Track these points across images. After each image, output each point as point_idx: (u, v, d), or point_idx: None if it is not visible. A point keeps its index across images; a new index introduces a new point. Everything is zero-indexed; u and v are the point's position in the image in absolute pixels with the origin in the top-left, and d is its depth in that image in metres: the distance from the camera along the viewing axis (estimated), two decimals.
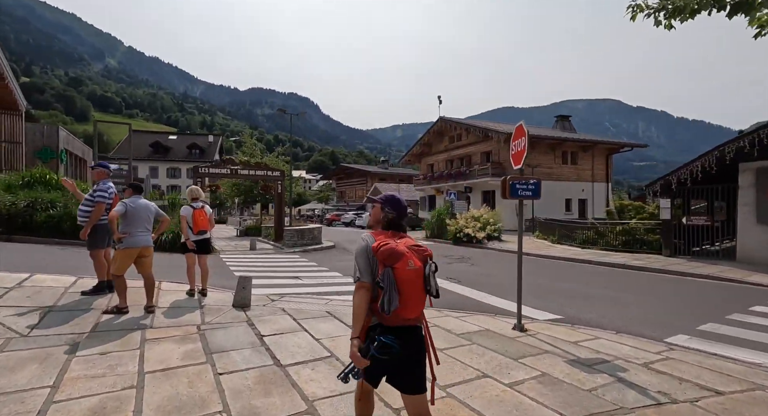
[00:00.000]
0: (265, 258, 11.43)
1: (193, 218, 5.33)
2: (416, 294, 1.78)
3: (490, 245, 16.08)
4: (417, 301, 1.80)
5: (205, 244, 5.50)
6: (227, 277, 7.52)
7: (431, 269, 1.84)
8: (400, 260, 1.76)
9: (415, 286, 1.78)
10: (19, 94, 19.98)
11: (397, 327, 1.80)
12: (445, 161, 31.71)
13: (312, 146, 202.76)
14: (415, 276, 1.78)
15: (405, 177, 50.91)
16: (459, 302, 6.33)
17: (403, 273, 1.74)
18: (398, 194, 2.10)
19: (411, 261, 1.78)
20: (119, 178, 11.66)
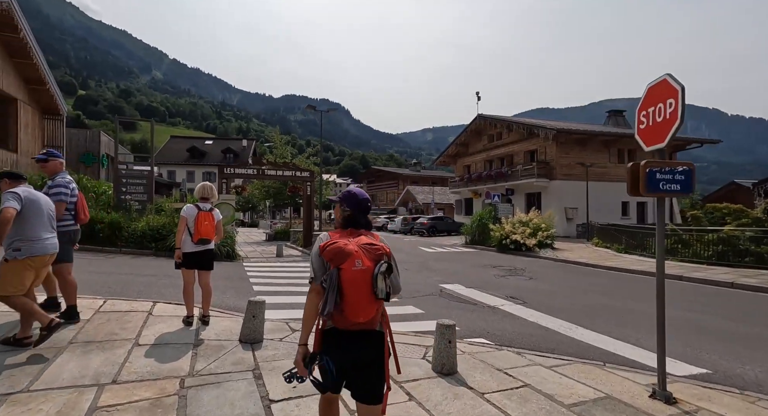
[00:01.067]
0: (291, 268, 10.24)
1: (196, 221, 4.10)
2: (364, 296, 1.62)
3: (543, 254, 14.12)
4: (365, 304, 1.63)
5: (205, 257, 4.25)
6: (245, 293, 6.29)
7: (380, 270, 1.63)
8: (346, 260, 1.63)
9: (362, 287, 1.62)
10: (61, 100, 20.30)
11: (350, 331, 1.70)
12: (483, 161, 29.70)
13: (343, 151, 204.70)
14: (362, 277, 1.63)
15: (438, 179, 49.06)
16: (540, 337, 4.70)
17: (350, 274, 1.61)
18: (356, 189, 1.90)
19: (359, 261, 1.64)
20: (140, 178, 10.95)
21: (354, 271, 1.61)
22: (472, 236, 18.73)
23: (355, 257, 1.63)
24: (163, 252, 9.42)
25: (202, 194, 4.29)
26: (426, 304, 6.25)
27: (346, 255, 1.63)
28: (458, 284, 8.26)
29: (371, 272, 1.63)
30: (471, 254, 15.37)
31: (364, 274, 1.62)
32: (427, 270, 10.43)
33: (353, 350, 1.69)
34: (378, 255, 1.68)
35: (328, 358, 1.67)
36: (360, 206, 1.85)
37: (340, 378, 1.72)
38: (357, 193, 1.88)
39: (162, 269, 7.60)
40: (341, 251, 1.63)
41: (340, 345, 1.69)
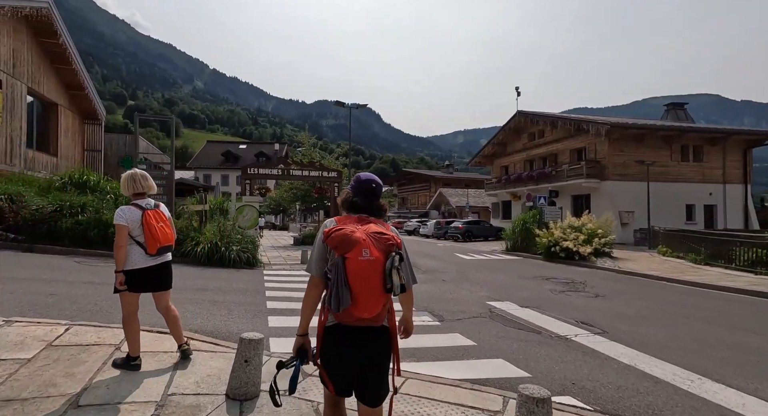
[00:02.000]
0: None
1: (145, 226, 2.84)
2: (371, 290, 1.47)
3: (602, 264, 12.27)
4: (372, 298, 1.48)
5: (165, 272, 3.10)
6: (255, 313, 5.26)
7: (393, 264, 1.48)
8: (352, 248, 1.47)
9: (370, 280, 1.47)
10: (99, 105, 20.72)
11: (354, 327, 1.55)
12: (523, 161, 27.68)
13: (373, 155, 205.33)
14: (370, 269, 1.47)
15: (472, 182, 47.01)
16: (655, 394, 3.26)
17: (355, 264, 1.46)
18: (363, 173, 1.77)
19: (366, 250, 1.47)
20: (159, 179, 10.38)
21: (361, 261, 1.46)
22: (514, 241, 17.04)
23: (362, 246, 1.48)
24: (178, 258, 8.69)
25: (134, 188, 2.95)
26: (475, 331, 4.95)
27: (353, 243, 1.48)
28: (509, 301, 6.86)
29: (380, 264, 1.49)
30: (515, 262, 13.76)
31: (372, 265, 1.47)
32: (468, 282, 9.07)
33: (358, 348, 1.56)
34: (388, 245, 1.52)
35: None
36: (368, 189, 1.69)
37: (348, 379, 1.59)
38: (361, 176, 1.76)
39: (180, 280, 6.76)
40: (347, 239, 1.48)
41: (345, 342, 1.56)
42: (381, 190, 1.74)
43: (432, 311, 6.03)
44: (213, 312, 4.92)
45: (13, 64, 15.30)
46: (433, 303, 6.56)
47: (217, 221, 9.45)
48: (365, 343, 1.56)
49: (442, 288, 8.14)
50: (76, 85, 18.98)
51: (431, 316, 5.68)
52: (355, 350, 1.55)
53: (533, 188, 24.39)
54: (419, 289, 7.94)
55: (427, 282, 8.87)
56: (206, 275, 7.63)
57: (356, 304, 1.46)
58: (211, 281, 7.14)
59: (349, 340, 1.54)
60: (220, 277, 7.65)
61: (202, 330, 4.12)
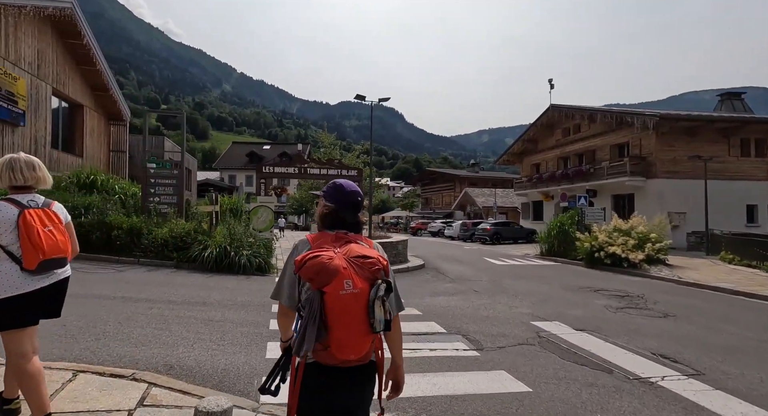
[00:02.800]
0: None
1: (23, 230, 1.93)
2: (356, 328, 1.18)
3: (656, 273, 10.76)
4: (357, 338, 1.19)
5: (58, 294, 2.15)
6: (252, 338, 4.39)
7: (378, 293, 1.19)
8: (332, 280, 1.16)
9: (354, 318, 1.18)
10: (124, 106, 20.81)
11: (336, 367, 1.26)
12: (556, 158, 25.90)
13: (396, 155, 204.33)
14: (354, 304, 1.17)
15: (499, 181, 45.13)
16: None
17: (336, 300, 1.15)
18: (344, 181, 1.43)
19: (348, 282, 1.18)
20: (170, 178, 9.85)
21: (342, 296, 1.16)
22: (550, 245, 15.60)
23: (343, 277, 1.18)
24: (185, 263, 8.06)
25: (11, 179, 2.03)
26: (526, 366, 3.87)
27: (332, 274, 1.17)
28: (559, 322, 5.70)
29: (365, 296, 1.19)
30: (552, 269, 12.40)
31: (355, 299, 1.18)
32: (504, 294, 7.92)
33: (342, 392, 1.29)
34: (373, 272, 1.23)
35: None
36: (346, 200, 1.39)
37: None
38: (344, 184, 1.42)
39: (180, 291, 6.09)
40: (325, 269, 1.17)
41: (323, 384, 1.28)
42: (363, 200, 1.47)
43: (466, 334, 4.98)
44: (202, 336, 4.08)
45: (38, 65, 15.34)
46: (467, 323, 5.50)
47: (227, 224, 8.76)
48: (350, 387, 1.31)
49: (474, 302, 7.06)
50: (101, 86, 19.07)
51: (466, 342, 4.64)
52: (337, 395, 1.30)
53: (568, 187, 22.66)
54: (449, 303, 6.89)
55: (456, 294, 7.79)
56: (210, 285, 6.90)
57: (338, 345, 1.20)
58: (214, 291, 6.37)
59: (330, 382, 1.29)
60: (226, 286, 6.89)
61: (180, 366, 3.26)
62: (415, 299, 7.08)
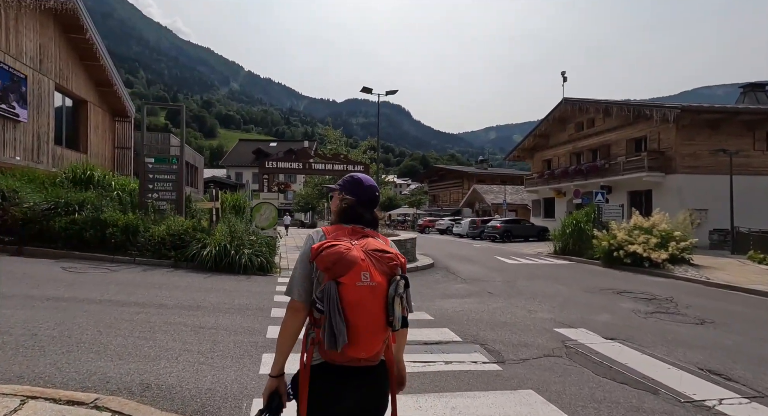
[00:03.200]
0: None
1: None
2: (372, 324, 1.13)
3: (681, 273, 10.12)
4: (371, 334, 1.13)
5: None
6: (249, 345, 3.95)
7: (397, 291, 1.15)
8: (349, 271, 1.12)
9: (370, 312, 1.12)
10: (128, 102, 20.57)
11: (346, 367, 1.19)
12: (568, 154, 25.13)
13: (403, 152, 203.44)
14: (371, 297, 1.12)
15: (508, 178, 44.32)
16: None
17: (353, 292, 1.11)
18: (362, 175, 1.41)
19: (366, 274, 1.13)
20: (169, 173, 9.48)
21: (359, 288, 1.11)
22: (564, 243, 14.99)
23: (360, 268, 1.13)
24: (183, 263, 7.66)
25: None
26: (556, 384, 3.37)
27: (350, 264, 1.13)
28: (586, 329, 5.17)
29: (382, 291, 1.15)
30: (568, 269, 11.82)
31: (372, 292, 1.13)
32: (521, 296, 7.40)
33: (353, 392, 1.20)
34: (391, 267, 1.18)
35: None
36: (365, 195, 1.35)
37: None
38: (362, 179, 1.40)
39: (174, 293, 5.68)
40: (342, 258, 1.13)
41: (334, 386, 1.20)
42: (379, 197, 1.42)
43: (484, 343, 4.48)
44: (190, 347, 3.64)
45: (39, 60, 15.08)
46: (484, 330, 5.00)
47: (227, 221, 8.35)
48: (360, 386, 1.21)
49: (490, 305, 6.55)
50: (105, 82, 18.83)
51: (485, 353, 4.14)
52: (348, 396, 1.20)
53: (581, 183, 21.92)
54: (463, 306, 6.39)
55: (469, 296, 7.29)
56: (207, 286, 6.48)
57: (353, 342, 1.12)
58: (210, 294, 5.95)
59: (341, 383, 1.20)
60: (224, 288, 6.47)
61: (158, 385, 2.81)
62: (425, 302, 6.60)
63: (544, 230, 23.89)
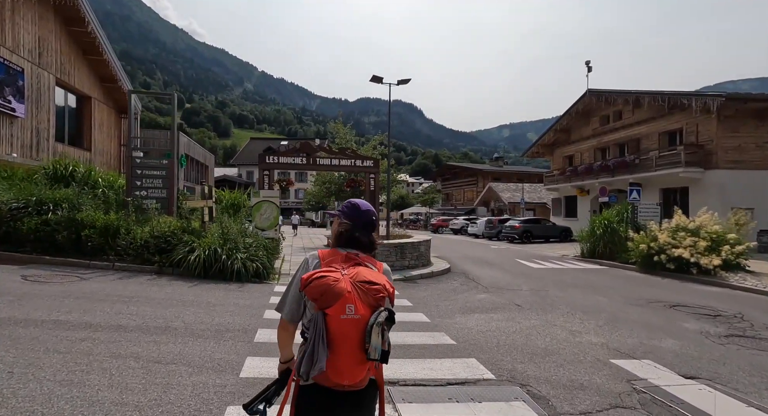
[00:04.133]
0: None
1: None
2: (351, 354, 1.18)
3: (739, 282, 8.77)
4: (353, 363, 1.19)
5: None
6: (216, 388, 2.97)
7: (378, 320, 1.18)
8: (335, 303, 1.17)
9: (352, 342, 1.18)
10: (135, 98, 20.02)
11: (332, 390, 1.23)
12: (593, 149, 23.59)
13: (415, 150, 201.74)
14: (354, 330, 1.18)
15: (525, 176, 42.69)
16: None
17: (336, 324, 1.16)
18: (360, 201, 1.47)
19: (351, 306, 1.18)
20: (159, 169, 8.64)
21: (342, 321, 1.17)
22: (592, 246, 13.69)
23: (346, 301, 1.18)
24: (169, 269, 6.78)
25: None
26: None
27: (336, 296, 1.18)
28: (653, 361, 4.05)
29: (365, 323, 1.18)
30: (602, 274, 10.57)
31: (356, 325, 1.19)
32: (555, 310, 6.26)
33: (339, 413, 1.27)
34: (377, 299, 1.22)
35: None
36: (360, 219, 1.41)
37: None
38: (359, 204, 1.46)
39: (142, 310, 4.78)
40: (330, 291, 1.18)
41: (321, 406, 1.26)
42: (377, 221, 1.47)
43: (526, 383, 3.40)
44: (127, 398, 2.64)
45: (39, 53, 14.48)
46: (523, 362, 3.92)
47: (219, 221, 7.45)
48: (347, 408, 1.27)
49: (522, 323, 5.45)
50: (109, 78, 18.27)
51: (530, 401, 3.05)
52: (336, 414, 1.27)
53: (607, 180, 20.42)
54: (489, 325, 5.30)
55: (495, 309, 6.20)
56: (189, 298, 5.56)
57: (337, 370, 1.19)
58: (189, 309, 5.02)
59: (327, 406, 1.24)
60: (208, 300, 5.54)
61: None
62: (444, 319, 5.54)
63: (567, 231, 22.47)
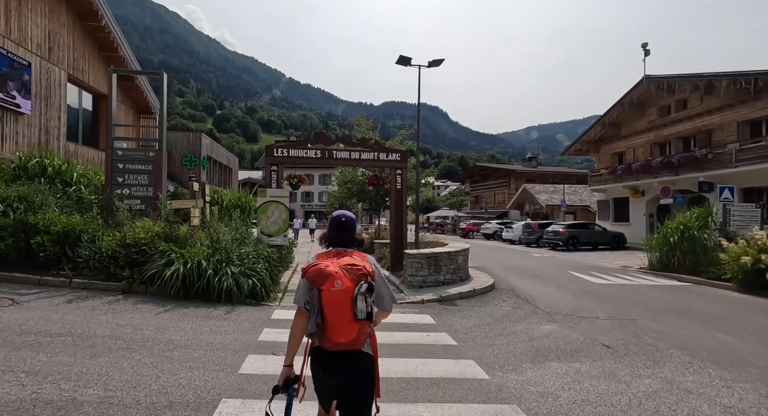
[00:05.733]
0: None
1: None
2: (343, 317, 1.64)
3: None
4: (345, 324, 1.65)
5: None
6: None
7: (360, 290, 1.64)
8: (326, 280, 1.66)
9: (342, 308, 1.64)
10: (152, 97, 19.35)
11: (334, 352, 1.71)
12: (649, 144, 20.78)
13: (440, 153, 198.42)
14: (342, 297, 1.64)
15: (563, 177, 39.58)
16: None
17: (328, 295, 1.65)
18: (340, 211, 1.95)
19: (338, 281, 1.66)
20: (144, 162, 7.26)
21: (333, 292, 1.64)
22: (665, 256, 11.30)
23: (334, 278, 1.65)
24: (141, 286, 5.31)
25: None
26: None
27: (326, 276, 1.66)
28: None
29: (351, 293, 1.64)
30: (689, 294, 8.28)
31: (343, 295, 1.64)
32: (669, 360, 4.24)
33: (337, 370, 1.70)
34: (359, 275, 1.69)
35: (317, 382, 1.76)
36: (334, 222, 1.89)
37: (330, 397, 1.75)
38: (339, 214, 1.92)
39: (55, 359, 3.25)
40: (321, 273, 1.67)
41: (325, 365, 1.72)
42: (353, 224, 1.89)
43: None
44: None
45: (48, 48, 13.72)
46: None
47: (209, 226, 5.93)
48: (344, 367, 1.69)
49: (631, 385, 3.50)
50: (126, 75, 17.56)
51: None
52: (333, 372, 1.69)
53: (671, 179, 17.68)
54: (582, 392, 3.36)
55: (578, 355, 4.27)
56: (145, 334, 3.99)
57: (331, 330, 1.64)
58: (132, 355, 3.43)
59: (329, 364, 1.70)
60: (170, 338, 3.96)
61: None
62: (508, 373, 3.68)
63: (620, 237, 19.79)
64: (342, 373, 1.67)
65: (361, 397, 1.70)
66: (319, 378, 1.70)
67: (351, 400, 1.70)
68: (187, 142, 26.31)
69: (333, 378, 1.68)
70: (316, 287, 1.62)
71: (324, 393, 1.71)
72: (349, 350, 1.67)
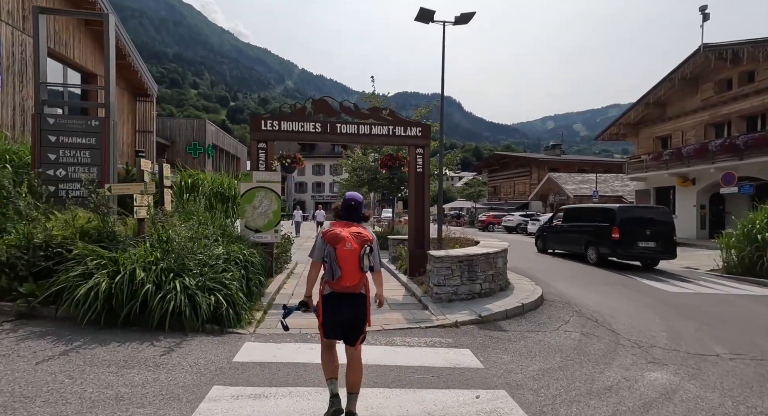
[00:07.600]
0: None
1: None
2: (352, 268, 2.47)
3: None
4: (353, 274, 2.48)
5: None
6: None
7: (365, 252, 2.50)
8: (340, 242, 2.47)
9: (351, 262, 2.47)
10: (148, 79, 17.70)
11: (341, 294, 2.53)
12: (703, 125, 18.18)
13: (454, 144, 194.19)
14: (351, 255, 2.47)
15: (590, 165, 36.81)
16: None
17: (342, 252, 2.46)
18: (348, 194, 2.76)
19: (349, 243, 2.48)
20: (86, 133, 5.51)
21: (345, 250, 2.47)
22: (748, 258, 9.12)
23: (346, 241, 2.48)
24: (51, 308, 3.60)
25: None
26: None
27: (341, 239, 2.49)
28: None
29: (357, 252, 2.48)
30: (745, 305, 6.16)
31: (352, 253, 2.47)
32: None
33: (344, 308, 2.52)
34: (363, 241, 2.53)
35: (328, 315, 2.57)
36: (345, 204, 2.70)
37: (338, 329, 2.55)
38: (346, 196, 2.74)
39: None
40: (337, 236, 2.50)
41: (334, 305, 2.52)
42: (360, 205, 2.72)
43: None
44: None
45: (23, 17, 12.11)
46: None
47: (153, 220, 4.18)
48: (349, 304, 2.52)
49: None
50: (117, 53, 15.85)
51: None
52: (342, 309, 2.51)
53: (733, 164, 15.21)
54: None
55: None
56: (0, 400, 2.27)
57: (343, 277, 2.46)
58: None
59: (339, 302, 2.51)
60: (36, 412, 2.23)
61: None
62: None
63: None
64: (348, 309, 2.51)
65: (358, 326, 2.57)
66: (331, 314, 2.50)
67: (352, 328, 2.54)
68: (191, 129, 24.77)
69: (341, 314, 2.50)
70: (331, 245, 2.46)
71: (332, 326, 2.52)
72: (352, 292, 2.52)
